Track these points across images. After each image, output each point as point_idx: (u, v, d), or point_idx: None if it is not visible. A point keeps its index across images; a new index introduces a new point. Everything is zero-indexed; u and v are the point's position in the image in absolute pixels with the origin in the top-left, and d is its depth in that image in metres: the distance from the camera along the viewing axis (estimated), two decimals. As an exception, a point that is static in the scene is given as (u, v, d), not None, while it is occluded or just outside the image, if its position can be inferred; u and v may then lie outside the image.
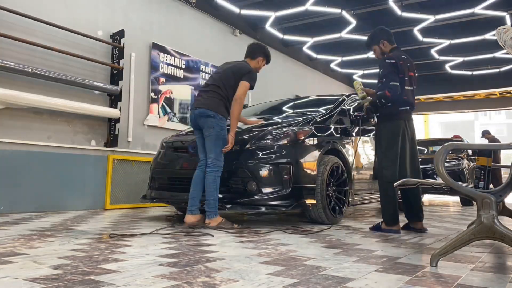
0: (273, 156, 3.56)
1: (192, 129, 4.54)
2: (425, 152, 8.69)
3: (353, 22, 7.99)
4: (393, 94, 3.19)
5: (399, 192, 3.52)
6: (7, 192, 4.40)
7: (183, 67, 6.68)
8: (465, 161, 7.72)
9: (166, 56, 6.39)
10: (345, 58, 10.58)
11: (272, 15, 7.76)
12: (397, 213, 3.30)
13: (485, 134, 10.12)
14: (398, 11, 7.51)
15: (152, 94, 6.12)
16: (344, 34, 8.55)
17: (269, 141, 3.66)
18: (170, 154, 4.11)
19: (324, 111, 4.38)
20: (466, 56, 10.34)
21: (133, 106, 5.80)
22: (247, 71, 3.61)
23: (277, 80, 9.23)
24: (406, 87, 3.29)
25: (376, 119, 3.60)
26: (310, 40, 9.16)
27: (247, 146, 3.67)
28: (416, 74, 3.45)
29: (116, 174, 5.46)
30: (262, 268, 1.82)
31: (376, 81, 3.48)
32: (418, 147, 3.65)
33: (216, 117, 3.46)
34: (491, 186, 2.33)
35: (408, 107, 3.33)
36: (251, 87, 3.60)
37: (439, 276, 1.75)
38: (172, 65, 6.47)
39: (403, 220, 3.47)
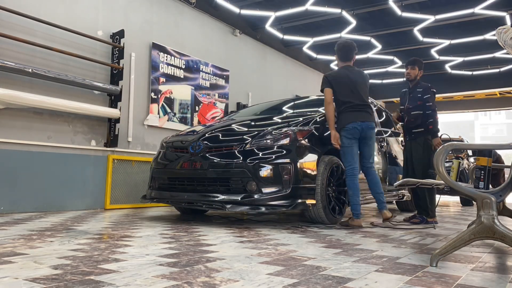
0: (273, 156, 3.56)
1: (192, 129, 4.56)
2: None
3: (353, 22, 7.98)
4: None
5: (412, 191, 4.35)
6: (7, 192, 4.40)
7: (183, 67, 6.68)
8: (465, 161, 7.72)
9: (166, 56, 6.38)
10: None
11: (272, 15, 7.75)
12: None
13: None
14: (398, 11, 7.50)
15: (152, 94, 6.12)
16: (344, 34, 8.54)
17: (269, 141, 3.66)
18: (170, 154, 4.11)
19: (324, 111, 4.37)
20: (466, 56, 10.33)
21: (133, 106, 5.80)
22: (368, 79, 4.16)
23: (277, 80, 9.23)
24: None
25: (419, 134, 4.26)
26: (310, 40, 9.15)
27: (247, 146, 3.67)
28: None
29: (116, 174, 5.46)
30: (262, 268, 1.82)
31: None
32: None
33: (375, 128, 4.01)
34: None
35: None
36: None
37: (439, 276, 1.75)
38: (172, 65, 6.47)
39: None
